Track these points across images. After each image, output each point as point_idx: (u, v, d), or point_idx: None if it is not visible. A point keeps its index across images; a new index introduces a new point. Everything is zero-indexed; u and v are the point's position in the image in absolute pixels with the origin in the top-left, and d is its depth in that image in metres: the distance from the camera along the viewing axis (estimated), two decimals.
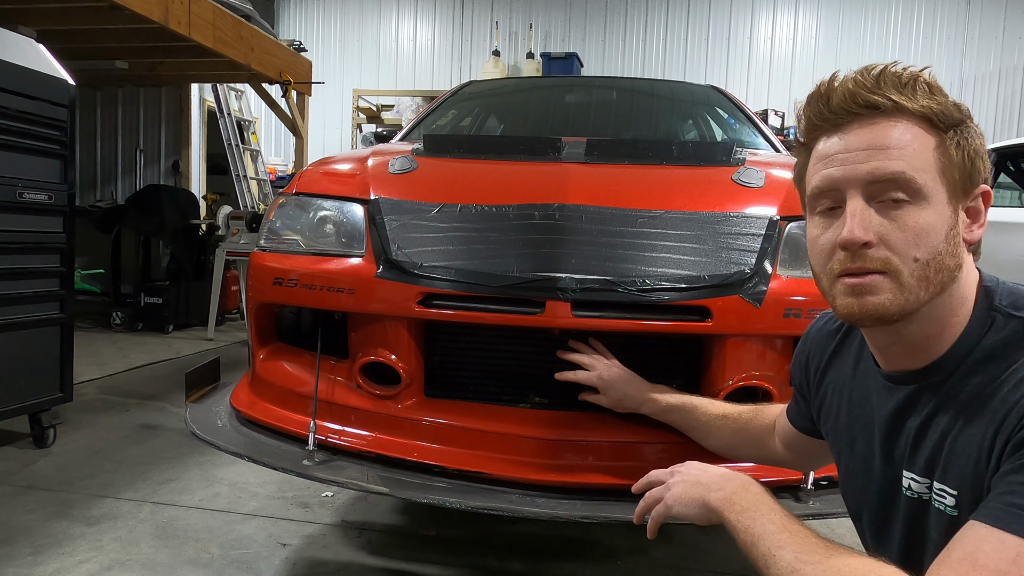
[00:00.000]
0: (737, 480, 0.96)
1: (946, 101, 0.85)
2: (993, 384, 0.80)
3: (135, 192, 6.54)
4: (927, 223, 0.82)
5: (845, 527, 2.28)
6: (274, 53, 6.02)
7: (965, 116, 0.86)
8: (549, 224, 1.54)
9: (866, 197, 0.84)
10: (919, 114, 0.84)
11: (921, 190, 0.82)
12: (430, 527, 2.26)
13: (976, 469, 0.80)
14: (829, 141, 0.88)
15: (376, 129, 7.44)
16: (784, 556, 0.80)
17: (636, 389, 1.49)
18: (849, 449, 1.03)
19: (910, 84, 0.85)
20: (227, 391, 1.97)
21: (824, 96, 0.88)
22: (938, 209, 0.83)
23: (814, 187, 0.89)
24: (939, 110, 0.84)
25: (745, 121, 2.84)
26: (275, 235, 1.80)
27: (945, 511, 0.84)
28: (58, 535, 2.10)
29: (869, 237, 0.82)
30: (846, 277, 0.86)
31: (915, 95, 0.84)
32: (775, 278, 1.51)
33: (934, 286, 0.83)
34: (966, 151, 0.84)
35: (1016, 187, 5.16)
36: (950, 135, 0.84)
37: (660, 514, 1.04)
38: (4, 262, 2.65)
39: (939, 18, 7.68)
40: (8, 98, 2.59)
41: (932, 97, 0.85)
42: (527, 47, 8.28)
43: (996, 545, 0.68)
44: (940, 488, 0.85)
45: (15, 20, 4.50)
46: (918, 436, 0.89)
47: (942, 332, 0.87)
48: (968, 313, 0.87)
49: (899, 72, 0.86)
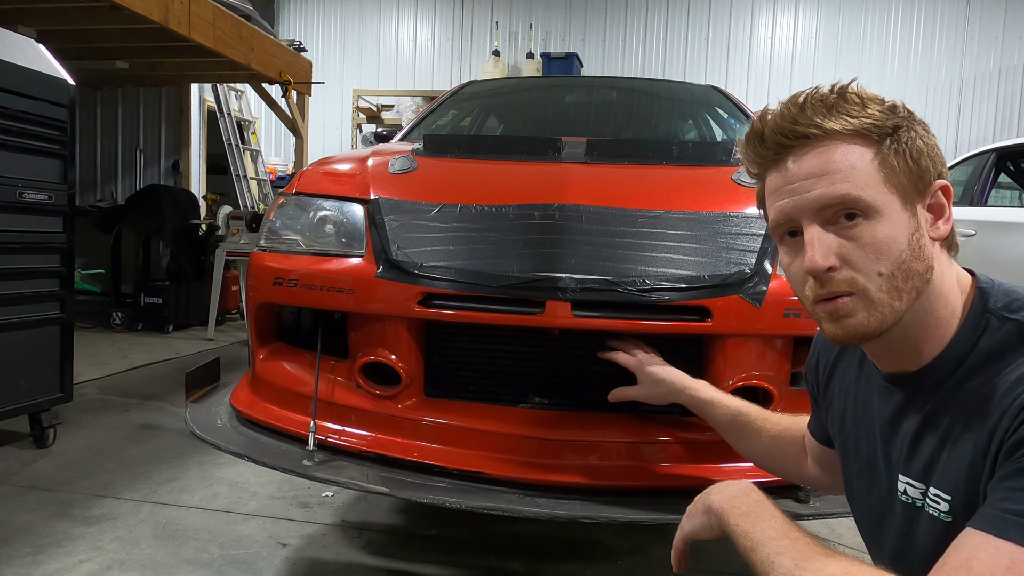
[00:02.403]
0: (738, 485, 0.96)
1: (877, 111, 0.85)
2: (988, 387, 0.80)
3: (135, 192, 6.54)
4: (884, 235, 0.83)
5: (845, 527, 2.28)
6: (274, 53, 6.02)
7: (901, 119, 0.86)
8: (549, 224, 1.54)
9: (821, 222, 0.85)
10: (850, 133, 0.84)
11: (871, 205, 0.83)
12: (430, 527, 2.26)
13: (971, 473, 0.79)
14: (774, 175, 0.90)
15: (376, 129, 7.44)
16: (783, 562, 0.80)
17: (676, 377, 1.44)
18: (854, 452, 1.03)
19: (835, 104, 0.85)
20: (227, 391, 1.97)
21: (758, 134, 0.90)
22: (893, 218, 0.84)
23: (772, 220, 0.92)
24: (869, 124, 0.84)
25: (745, 121, 2.84)
26: (275, 235, 1.80)
27: (939, 517, 0.84)
28: (58, 535, 2.10)
29: (831, 262, 0.84)
30: (821, 303, 0.87)
31: (841, 115, 0.85)
32: (775, 278, 1.51)
33: (907, 294, 0.84)
34: (907, 154, 0.84)
35: (1016, 187, 5.16)
36: (887, 144, 0.84)
37: (677, 539, 1.05)
38: (4, 262, 2.65)
39: (939, 18, 7.68)
40: (8, 98, 2.59)
41: (863, 111, 0.85)
42: (527, 47, 8.28)
43: (991, 552, 0.68)
44: (935, 494, 0.85)
45: (15, 20, 4.50)
46: (914, 440, 0.89)
47: (932, 334, 0.87)
48: (956, 313, 0.86)
49: (824, 95, 0.87)
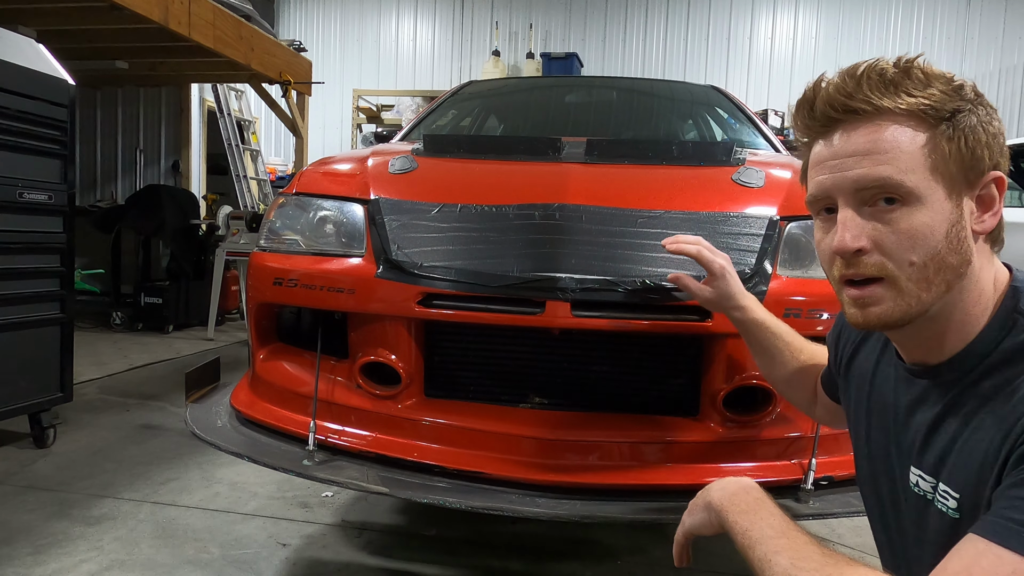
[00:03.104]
0: (739, 482, 0.96)
1: (939, 91, 0.81)
2: (1007, 389, 0.78)
3: (135, 192, 6.54)
4: (922, 224, 0.80)
5: (845, 527, 2.28)
6: (274, 53, 6.02)
7: (966, 101, 0.81)
8: (549, 224, 1.54)
9: (857, 203, 0.83)
10: (904, 113, 0.81)
11: (913, 191, 0.80)
12: (430, 527, 2.26)
13: (980, 475, 0.78)
14: (819, 146, 0.87)
15: (376, 129, 7.44)
16: (780, 562, 0.80)
17: (736, 288, 1.35)
18: (866, 436, 1.03)
19: (895, 81, 0.81)
20: (227, 391, 1.97)
21: (809, 102, 0.87)
22: (935, 208, 0.80)
23: (810, 194, 0.89)
24: (927, 105, 0.80)
25: (745, 121, 2.84)
26: (275, 235, 1.80)
27: (947, 513, 0.83)
28: (58, 535, 2.10)
29: (860, 244, 0.82)
30: (848, 286, 0.86)
31: (899, 93, 0.81)
32: (775, 278, 1.51)
33: (936, 286, 0.81)
34: (963, 141, 0.80)
35: (1016, 187, 5.15)
36: (942, 128, 0.80)
37: (678, 534, 1.04)
38: (4, 262, 2.65)
39: (939, 18, 7.68)
40: (8, 98, 2.59)
41: (924, 90, 0.81)
42: (527, 47, 8.28)
43: (993, 560, 0.67)
44: (944, 490, 0.84)
45: (15, 20, 4.50)
46: (928, 433, 0.88)
47: (958, 329, 0.84)
48: (987, 310, 0.84)
49: (884, 69, 0.82)
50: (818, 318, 1.49)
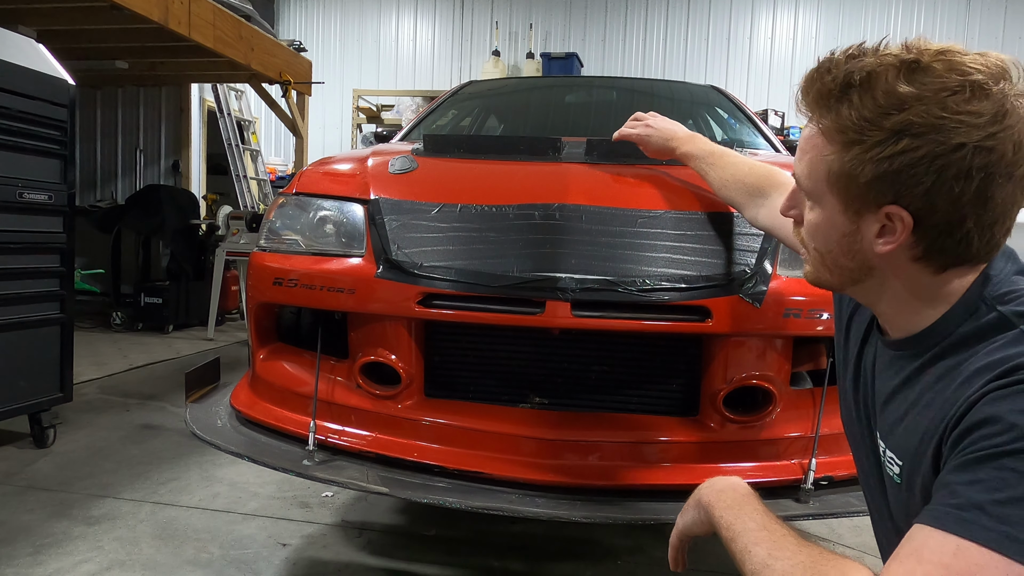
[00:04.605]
0: (727, 480, 0.99)
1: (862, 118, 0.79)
2: (954, 372, 0.82)
3: (135, 192, 6.54)
4: (816, 222, 0.89)
5: (845, 527, 2.28)
6: (274, 53, 6.02)
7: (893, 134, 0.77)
8: (549, 224, 1.54)
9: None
10: (824, 127, 0.84)
11: (811, 193, 0.88)
12: (430, 527, 2.26)
13: (919, 448, 0.83)
14: None
15: (376, 129, 7.43)
16: (758, 552, 0.84)
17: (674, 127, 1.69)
18: (845, 392, 1.09)
19: (836, 94, 0.81)
20: (227, 391, 1.97)
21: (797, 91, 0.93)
22: (828, 215, 0.87)
23: None
24: (847, 125, 0.80)
25: (745, 121, 2.84)
26: (275, 235, 1.80)
27: (893, 478, 0.90)
28: (58, 535, 2.10)
29: (785, 212, 0.96)
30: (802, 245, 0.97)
31: (829, 109, 0.82)
32: (775, 278, 1.51)
33: (836, 276, 0.90)
34: (863, 168, 0.79)
35: None
36: (855, 151, 0.80)
37: (673, 535, 1.07)
38: (4, 262, 2.65)
39: (939, 18, 7.69)
40: (8, 98, 2.59)
41: (851, 110, 0.80)
42: (527, 47, 8.28)
43: (939, 540, 0.72)
44: (891, 457, 0.91)
45: (15, 20, 4.50)
46: (885, 401, 0.94)
47: (903, 313, 0.89)
48: (934, 303, 0.85)
49: (835, 77, 0.82)
50: (818, 318, 1.49)
